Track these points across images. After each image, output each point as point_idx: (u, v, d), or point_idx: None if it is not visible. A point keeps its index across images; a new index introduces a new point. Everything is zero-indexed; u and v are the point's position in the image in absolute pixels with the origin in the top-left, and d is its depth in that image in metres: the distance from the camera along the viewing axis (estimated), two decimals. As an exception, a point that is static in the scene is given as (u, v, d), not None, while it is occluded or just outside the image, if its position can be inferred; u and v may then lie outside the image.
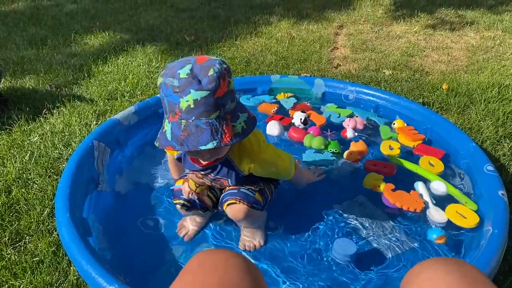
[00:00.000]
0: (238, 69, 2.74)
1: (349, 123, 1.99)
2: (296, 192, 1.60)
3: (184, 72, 0.98)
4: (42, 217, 1.49)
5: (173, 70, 1.00)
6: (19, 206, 1.55)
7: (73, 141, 1.94)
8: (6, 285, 1.26)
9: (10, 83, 2.59)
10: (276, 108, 2.16)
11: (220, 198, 1.34)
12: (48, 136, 1.98)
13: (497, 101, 2.24)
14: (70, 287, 1.24)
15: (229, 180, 1.29)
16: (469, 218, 1.42)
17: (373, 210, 1.52)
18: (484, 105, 2.21)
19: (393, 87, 2.46)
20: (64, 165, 1.71)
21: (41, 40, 3.42)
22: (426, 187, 1.59)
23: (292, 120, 2.03)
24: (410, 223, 1.47)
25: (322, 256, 1.35)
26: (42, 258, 1.33)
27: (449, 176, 1.69)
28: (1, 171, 1.74)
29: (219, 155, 1.16)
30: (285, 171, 1.37)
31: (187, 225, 1.45)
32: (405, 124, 2.00)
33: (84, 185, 1.54)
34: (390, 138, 1.92)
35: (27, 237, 1.42)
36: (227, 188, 1.33)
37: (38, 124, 2.11)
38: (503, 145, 1.90)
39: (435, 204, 1.51)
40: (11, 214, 1.52)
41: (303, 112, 2.02)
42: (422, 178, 1.65)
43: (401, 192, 1.54)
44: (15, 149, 1.89)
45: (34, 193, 1.61)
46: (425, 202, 1.51)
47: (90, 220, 1.44)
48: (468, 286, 0.63)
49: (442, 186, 1.58)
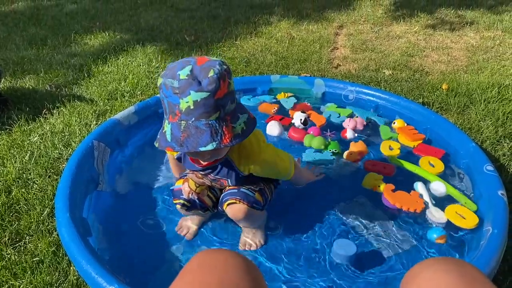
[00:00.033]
0: (238, 69, 2.74)
1: (349, 124, 1.99)
2: (296, 192, 1.60)
3: (184, 73, 0.98)
4: (42, 217, 1.49)
5: (173, 71, 1.00)
6: (19, 206, 1.55)
7: (73, 141, 1.94)
8: (6, 285, 1.26)
9: (10, 83, 2.60)
10: (276, 108, 2.16)
11: (220, 198, 1.34)
12: (48, 136, 1.98)
13: (497, 101, 2.24)
14: (70, 287, 1.24)
15: (229, 180, 1.29)
16: (468, 219, 1.42)
17: (373, 210, 1.53)
18: (484, 105, 2.21)
19: (393, 87, 2.46)
20: (64, 165, 1.71)
21: (41, 40, 3.42)
22: (426, 188, 1.59)
23: (292, 121, 2.03)
24: (410, 223, 1.47)
25: (322, 256, 1.35)
26: (42, 258, 1.33)
27: (449, 176, 1.69)
28: (1, 171, 1.74)
29: (219, 156, 1.17)
30: (285, 171, 1.37)
31: (187, 225, 1.45)
32: (405, 124, 2.00)
33: (84, 185, 1.54)
34: (390, 138, 1.92)
35: (27, 237, 1.42)
36: (227, 188, 1.34)
37: (38, 124, 2.11)
38: (503, 145, 1.90)
39: (435, 205, 1.52)
40: (11, 214, 1.52)
41: (303, 113, 2.02)
42: (422, 179, 1.65)
43: (401, 193, 1.54)
44: (15, 149, 1.89)
45: (34, 193, 1.61)
46: (425, 203, 1.52)
47: (90, 220, 1.44)
48: (468, 286, 0.63)
49: (442, 187, 1.58)
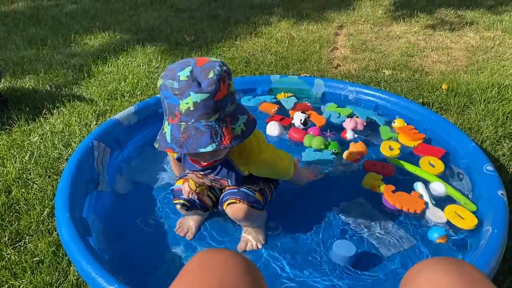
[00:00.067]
0: (238, 69, 2.74)
1: (350, 124, 1.98)
2: (296, 192, 1.60)
3: (184, 75, 0.98)
4: (42, 217, 1.49)
5: (173, 72, 0.99)
6: (19, 206, 1.55)
7: (73, 141, 1.94)
8: (6, 285, 1.26)
9: (10, 83, 2.60)
10: (277, 109, 2.16)
11: (220, 198, 1.34)
12: (48, 136, 1.98)
13: (497, 101, 2.25)
14: (70, 287, 1.24)
15: (229, 181, 1.29)
16: (467, 220, 1.42)
17: (373, 210, 1.53)
18: (484, 105, 2.21)
19: (393, 87, 2.46)
20: (64, 165, 1.71)
21: (41, 40, 3.42)
22: (426, 188, 1.59)
23: (292, 121, 2.03)
24: (410, 223, 1.47)
25: (322, 256, 1.35)
26: (42, 258, 1.33)
27: (449, 176, 1.69)
28: (1, 171, 1.74)
29: (219, 157, 1.17)
30: (285, 171, 1.37)
31: (187, 225, 1.45)
32: (405, 124, 2.00)
33: (84, 185, 1.54)
34: (390, 139, 1.92)
35: (27, 237, 1.42)
36: (227, 188, 1.34)
37: (38, 124, 2.11)
38: (503, 145, 1.90)
39: (435, 205, 1.52)
40: (11, 214, 1.52)
41: (303, 113, 2.02)
42: (421, 179, 1.65)
43: (402, 194, 1.54)
44: (15, 149, 1.89)
45: (34, 193, 1.61)
46: (425, 203, 1.52)
47: (90, 220, 1.44)
48: (467, 286, 0.63)
49: (442, 187, 1.58)
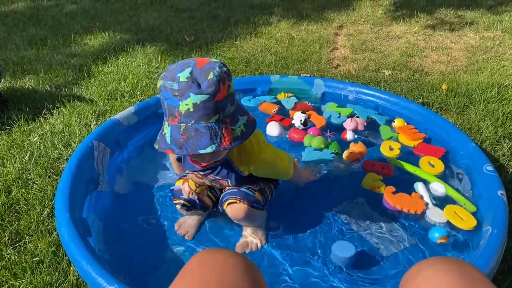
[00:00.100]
0: (238, 70, 2.74)
1: (350, 124, 1.98)
2: (296, 192, 1.60)
3: (184, 76, 0.98)
4: (42, 217, 1.49)
5: (173, 73, 0.99)
6: (19, 206, 1.55)
7: (73, 141, 1.94)
8: (6, 285, 1.26)
9: (10, 83, 2.60)
10: (277, 109, 2.16)
11: (220, 198, 1.34)
12: (48, 136, 1.98)
13: (497, 101, 2.25)
14: (70, 287, 1.24)
15: (229, 181, 1.29)
16: (467, 220, 1.42)
17: (373, 210, 1.53)
18: (484, 105, 2.21)
19: (393, 87, 2.46)
20: (64, 165, 1.71)
21: (41, 41, 3.42)
22: (426, 188, 1.59)
23: (292, 121, 2.03)
24: (409, 223, 1.47)
25: (322, 256, 1.35)
26: (42, 258, 1.33)
27: (449, 177, 1.69)
28: (1, 171, 1.74)
29: (219, 158, 1.17)
30: (285, 171, 1.37)
31: (187, 225, 1.45)
32: (405, 123, 2.00)
33: (84, 185, 1.54)
34: (391, 138, 1.92)
35: (27, 237, 1.42)
36: (227, 188, 1.34)
37: (38, 124, 2.11)
38: (503, 145, 1.90)
39: (435, 205, 1.52)
40: (11, 214, 1.52)
41: (303, 113, 2.02)
42: (421, 180, 1.65)
43: (402, 195, 1.53)
44: (15, 149, 1.89)
45: (34, 193, 1.61)
46: (426, 204, 1.51)
47: (90, 220, 1.44)
48: (467, 286, 0.63)
49: (442, 187, 1.58)
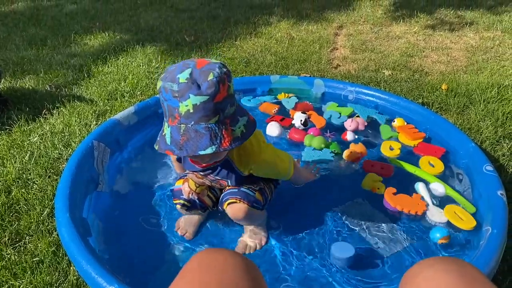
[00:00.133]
0: (238, 70, 2.74)
1: (351, 125, 1.98)
2: (296, 192, 1.60)
3: (184, 77, 0.97)
4: (42, 217, 1.49)
5: (173, 74, 0.99)
6: (19, 206, 1.55)
7: (73, 141, 1.94)
8: (6, 285, 1.26)
9: (10, 84, 2.60)
10: (277, 109, 2.16)
11: (220, 198, 1.34)
12: (48, 136, 1.98)
13: (497, 102, 2.25)
14: (70, 287, 1.24)
15: (229, 181, 1.29)
16: (466, 221, 1.42)
17: (373, 211, 1.53)
18: (484, 106, 2.21)
19: (393, 88, 2.46)
20: (64, 165, 1.71)
21: (41, 41, 3.42)
22: (426, 188, 1.59)
23: (293, 121, 2.03)
24: (409, 224, 1.47)
25: (322, 256, 1.35)
26: (42, 258, 1.33)
27: (448, 177, 1.69)
28: (1, 171, 1.74)
29: (219, 158, 1.17)
30: (285, 171, 1.37)
31: (187, 225, 1.45)
32: (405, 123, 2.00)
33: (84, 185, 1.54)
34: (391, 138, 1.92)
35: (27, 237, 1.42)
36: (227, 188, 1.34)
37: (38, 125, 2.11)
38: (503, 145, 1.90)
39: (435, 205, 1.52)
40: (11, 214, 1.52)
41: (304, 113, 2.02)
42: (421, 180, 1.65)
43: (403, 196, 1.53)
44: (15, 149, 1.89)
45: (34, 193, 1.61)
46: (426, 205, 1.51)
47: (90, 220, 1.44)
48: (467, 286, 0.63)
49: (441, 187, 1.58)
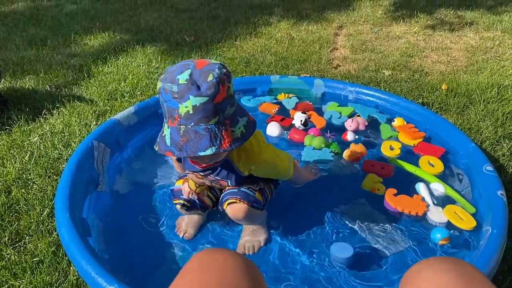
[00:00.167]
0: (238, 70, 2.74)
1: (351, 125, 1.97)
2: (296, 192, 1.60)
3: (183, 78, 0.97)
4: (42, 217, 1.49)
5: (172, 75, 0.99)
6: (19, 206, 1.55)
7: (73, 142, 1.94)
8: (6, 285, 1.26)
9: (10, 84, 2.60)
10: (277, 109, 2.16)
11: (220, 198, 1.34)
12: (48, 137, 1.98)
13: (497, 102, 2.25)
14: (70, 287, 1.24)
15: (229, 182, 1.29)
16: (467, 221, 1.42)
17: (373, 211, 1.52)
18: (484, 106, 2.21)
19: (393, 88, 2.46)
20: (64, 165, 1.71)
21: (41, 41, 3.42)
22: (427, 188, 1.59)
23: (293, 121, 2.03)
24: (410, 224, 1.47)
25: (322, 256, 1.35)
26: (42, 258, 1.33)
27: (448, 177, 1.69)
28: (1, 172, 1.74)
29: (219, 159, 1.17)
30: (285, 171, 1.37)
31: (187, 225, 1.45)
32: (405, 122, 2.00)
33: (84, 186, 1.54)
34: (391, 137, 1.92)
35: (27, 237, 1.42)
36: (227, 188, 1.34)
37: (38, 125, 2.11)
38: (502, 145, 1.90)
39: (436, 205, 1.52)
40: (11, 214, 1.52)
41: (304, 113, 2.01)
42: (422, 180, 1.65)
43: (404, 197, 1.53)
44: (15, 150, 1.89)
45: (34, 193, 1.61)
46: (427, 205, 1.51)
47: (90, 220, 1.44)
48: (467, 286, 0.63)
49: (441, 187, 1.58)
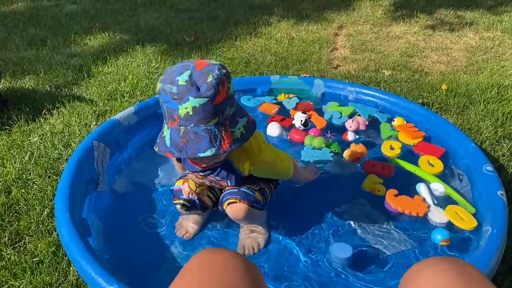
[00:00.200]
0: (238, 70, 2.74)
1: (352, 125, 1.97)
2: (296, 192, 1.60)
3: (183, 79, 0.97)
4: (42, 217, 1.49)
5: (172, 76, 0.99)
6: (19, 207, 1.55)
7: (73, 142, 1.94)
8: (6, 285, 1.26)
9: (10, 84, 2.59)
10: (277, 109, 2.16)
11: (220, 198, 1.34)
12: (48, 137, 1.98)
13: (496, 102, 2.25)
14: (70, 287, 1.24)
15: (229, 182, 1.29)
16: (467, 221, 1.42)
17: (373, 211, 1.52)
18: (484, 106, 2.21)
19: (393, 88, 2.46)
20: (64, 166, 1.71)
21: (41, 41, 3.42)
22: (427, 188, 1.59)
23: (293, 122, 2.03)
24: (410, 224, 1.47)
25: (322, 256, 1.35)
26: (42, 258, 1.33)
27: (448, 177, 1.69)
28: (1, 172, 1.74)
29: (219, 159, 1.17)
30: (285, 171, 1.37)
31: (187, 225, 1.45)
32: (405, 122, 2.00)
33: (84, 186, 1.54)
34: (391, 137, 1.92)
35: (27, 237, 1.42)
36: (227, 188, 1.34)
37: (38, 125, 2.11)
38: (502, 146, 1.90)
39: (436, 205, 1.52)
40: (11, 214, 1.52)
41: (304, 113, 2.01)
42: (422, 180, 1.65)
43: (404, 197, 1.53)
44: (15, 150, 1.89)
45: (34, 194, 1.61)
46: (428, 206, 1.51)
47: (90, 220, 1.44)
48: (466, 286, 0.63)
49: (441, 187, 1.58)
